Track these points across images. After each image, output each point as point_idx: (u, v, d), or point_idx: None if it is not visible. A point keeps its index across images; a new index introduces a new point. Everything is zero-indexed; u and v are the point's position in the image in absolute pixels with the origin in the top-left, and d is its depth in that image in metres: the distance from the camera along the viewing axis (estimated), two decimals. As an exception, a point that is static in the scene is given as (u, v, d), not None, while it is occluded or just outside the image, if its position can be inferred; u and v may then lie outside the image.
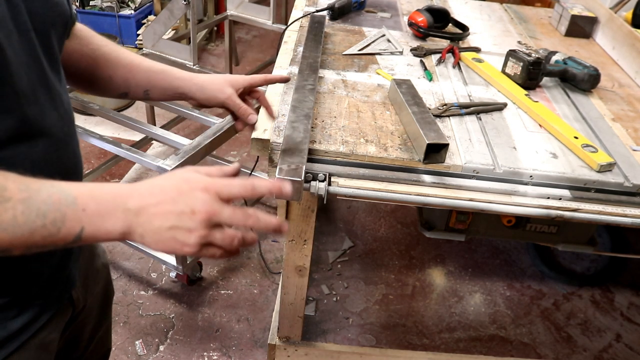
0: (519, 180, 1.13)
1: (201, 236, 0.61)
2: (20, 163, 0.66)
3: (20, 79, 0.64)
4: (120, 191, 0.62)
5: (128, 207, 0.61)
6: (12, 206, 0.56)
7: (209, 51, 4.13)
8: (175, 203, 0.61)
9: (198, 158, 1.77)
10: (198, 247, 0.61)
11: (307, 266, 1.40)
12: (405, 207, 2.51)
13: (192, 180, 0.63)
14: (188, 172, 0.65)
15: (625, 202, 1.14)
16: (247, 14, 3.15)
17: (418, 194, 1.09)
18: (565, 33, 1.97)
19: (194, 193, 0.62)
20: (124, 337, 1.88)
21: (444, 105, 1.32)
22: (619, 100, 1.52)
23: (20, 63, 0.64)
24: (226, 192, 0.63)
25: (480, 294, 2.20)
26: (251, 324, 1.97)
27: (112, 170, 2.66)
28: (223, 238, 0.62)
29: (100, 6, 3.43)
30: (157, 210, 0.61)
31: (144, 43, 2.49)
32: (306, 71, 1.35)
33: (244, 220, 0.63)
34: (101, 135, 1.84)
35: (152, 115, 2.75)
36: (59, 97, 0.73)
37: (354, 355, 1.66)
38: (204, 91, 0.95)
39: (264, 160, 1.15)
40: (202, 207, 0.61)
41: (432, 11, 1.77)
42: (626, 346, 2.04)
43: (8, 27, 0.62)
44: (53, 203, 0.58)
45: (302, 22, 1.76)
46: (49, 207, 0.58)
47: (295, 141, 1.05)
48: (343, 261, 2.29)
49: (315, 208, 1.26)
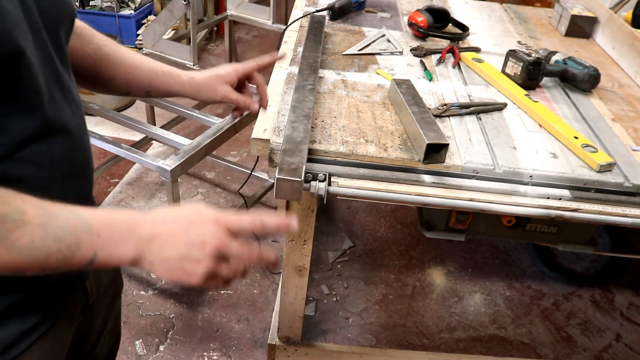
0: (519, 180, 1.13)
1: (208, 268, 0.63)
2: (40, 160, 0.67)
3: (38, 78, 0.65)
4: (134, 219, 0.64)
5: (141, 235, 0.62)
6: (31, 231, 0.57)
7: (209, 51, 4.13)
8: (186, 233, 0.63)
9: (198, 158, 1.77)
10: (204, 279, 0.63)
11: (307, 266, 1.40)
12: (405, 207, 2.51)
13: (203, 213, 0.65)
14: (200, 205, 0.67)
15: (625, 202, 1.14)
16: (247, 14, 3.16)
17: (418, 194, 1.09)
18: (565, 33, 1.97)
19: (205, 225, 0.64)
20: (124, 337, 1.88)
21: (444, 105, 1.32)
22: (619, 100, 1.52)
23: (37, 62, 0.65)
24: (236, 226, 0.65)
25: (480, 294, 2.20)
26: (251, 324, 1.98)
27: (112, 170, 2.66)
28: (228, 271, 0.65)
29: (100, 6, 3.43)
30: (168, 239, 0.63)
31: (144, 43, 2.49)
32: (306, 71, 1.35)
33: (248, 255, 0.66)
34: (101, 135, 1.84)
35: (152, 115, 2.75)
36: (71, 93, 0.74)
37: (354, 355, 1.66)
38: (200, 94, 0.99)
39: (264, 160, 1.15)
40: (212, 239, 0.63)
41: (432, 11, 1.77)
42: (626, 346, 2.04)
43: (25, 29, 0.63)
44: (69, 228, 0.59)
45: (302, 22, 1.76)
46: (66, 232, 0.59)
47: (295, 141, 1.05)
48: (343, 261, 2.29)
49: (315, 208, 1.26)
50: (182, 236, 0.63)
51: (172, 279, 0.64)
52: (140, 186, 2.62)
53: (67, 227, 0.59)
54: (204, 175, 2.74)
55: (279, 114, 1.21)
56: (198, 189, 2.64)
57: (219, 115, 2.40)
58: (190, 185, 2.66)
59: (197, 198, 2.57)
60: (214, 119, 1.92)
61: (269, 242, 2.34)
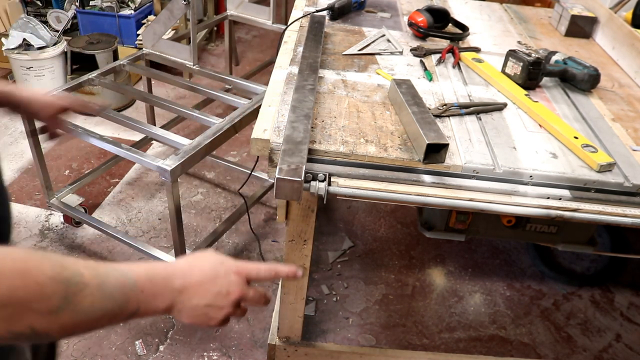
0: (519, 180, 1.13)
1: (229, 314, 0.71)
2: None
3: None
4: (168, 271, 0.69)
5: (174, 287, 0.67)
6: (91, 292, 0.59)
7: (209, 51, 4.14)
8: (213, 284, 0.70)
9: (198, 158, 1.77)
10: (223, 322, 0.72)
11: (307, 266, 1.40)
12: (405, 207, 2.51)
13: (226, 264, 0.72)
14: (221, 255, 0.74)
15: (625, 202, 1.14)
16: (247, 14, 3.16)
17: (418, 194, 1.09)
18: (565, 33, 1.97)
19: (229, 275, 0.71)
20: (123, 337, 1.88)
21: (444, 105, 1.32)
22: (619, 100, 1.52)
23: None
24: (254, 275, 0.74)
25: (480, 294, 2.20)
26: (251, 324, 1.97)
27: (112, 170, 2.66)
28: (239, 314, 0.74)
29: (100, 6, 3.43)
30: (198, 290, 0.69)
31: (144, 43, 2.49)
32: (306, 71, 1.35)
33: (257, 301, 0.75)
34: (101, 135, 1.84)
35: (152, 115, 2.75)
36: None
37: (354, 355, 1.66)
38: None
39: (264, 160, 1.15)
40: (236, 289, 0.71)
41: (432, 11, 1.77)
42: (626, 346, 2.04)
43: None
44: (119, 287, 0.63)
45: (302, 22, 1.76)
46: (118, 291, 0.62)
47: (295, 141, 1.05)
48: (343, 261, 2.29)
49: (315, 208, 1.26)
50: (209, 287, 0.69)
51: (195, 323, 0.70)
52: (140, 186, 2.62)
53: (118, 285, 0.62)
54: (204, 175, 2.74)
55: (279, 114, 1.21)
56: (198, 189, 2.64)
57: (219, 115, 2.40)
58: (190, 185, 2.66)
59: (197, 198, 2.57)
60: (214, 119, 1.92)
61: (269, 243, 2.34)
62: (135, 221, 2.41)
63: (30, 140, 2.02)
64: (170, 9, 2.33)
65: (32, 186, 2.55)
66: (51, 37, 3.08)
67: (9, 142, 2.91)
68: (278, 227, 2.44)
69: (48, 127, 1.17)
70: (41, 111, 1.11)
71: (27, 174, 2.66)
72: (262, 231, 2.40)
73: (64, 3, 3.57)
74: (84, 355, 1.81)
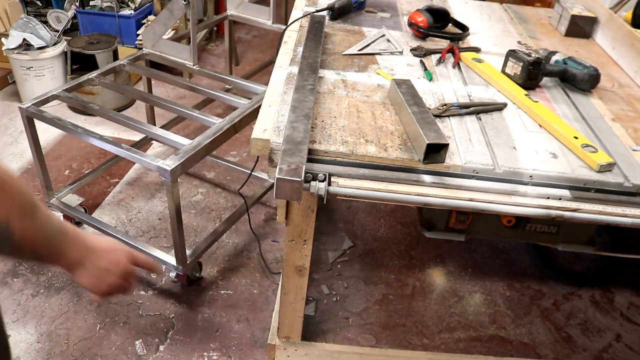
0: (519, 180, 1.13)
1: (116, 282, 0.89)
2: None
3: None
4: (84, 234, 0.86)
5: (87, 245, 0.85)
6: (46, 214, 0.75)
7: (209, 51, 4.14)
8: (113, 253, 0.89)
9: (198, 158, 1.77)
10: (109, 289, 0.90)
11: (307, 266, 1.40)
12: (405, 207, 2.51)
13: (121, 244, 0.93)
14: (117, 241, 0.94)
15: (625, 202, 1.14)
16: (247, 14, 3.16)
17: (418, 194, 1.09)
18: (565, 33, 1.97)
19: (122, 252, 0.92)
20: (123, 337, 1.88)
21: (443, 105, 1.32)
22: (619, 100, 1.52)
23: None
24: (136, 257, 0.95)
25: (480, 294, 2.20)
26: (251, 324, 1.97)
27: (112, 170, 2.66)
28: (124, 286, 0.93)
29: (100, 6, 3.43)
30: (101, 254, 0.87)
31: (144, 43, 2.49)
32: (306, 71, 1.35)
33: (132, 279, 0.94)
34: (101, 135, 1.84)
35: (152, 115, 2.76)
36: None
37: (354, 355, 1.66)
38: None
39: (264, 160, 1.15)
40: (125, 262, 0.91)
41: (432, 11, 1.77)
42: (626, 346, 2.04)
43: None
44: (58, 222, 0.78)
45: (302, 22, 1.76)
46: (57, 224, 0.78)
47: (295, 141, 1.05)
48: (343, 261, 2.29)
49: (315, 208, 1.26)
50: (108, 255, 0.88)
51: (89, 283, 0.86)
52: (140, 186, 2.62)
53: (57, 221, 0.78)
54: (204, 175, 2.74)
55: (279, 114, 1.21)
56: (198, 189, 2.64)
57: (219, 115, 2.40)
58: (190, 185, 2.66)
59: (197, 198, 2.57)
60: (214, 119, 1.92)
61: (269, 243, 2.34)
62: (135, 221, 2.41)
63: (30, 141, 2.02)
64: (170, 9, 2.33)
65: (32, 186, 2.55)
66: (51, 37, 3.08)
67: (9, 142, 2.91)
68: (278, 227, 2.44)
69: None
70: None
71: (27, 174, 2.66)
72: (262, 231, 2.40)
73: (64, 3, 3.57)
74: (84, 355, 1.80)
